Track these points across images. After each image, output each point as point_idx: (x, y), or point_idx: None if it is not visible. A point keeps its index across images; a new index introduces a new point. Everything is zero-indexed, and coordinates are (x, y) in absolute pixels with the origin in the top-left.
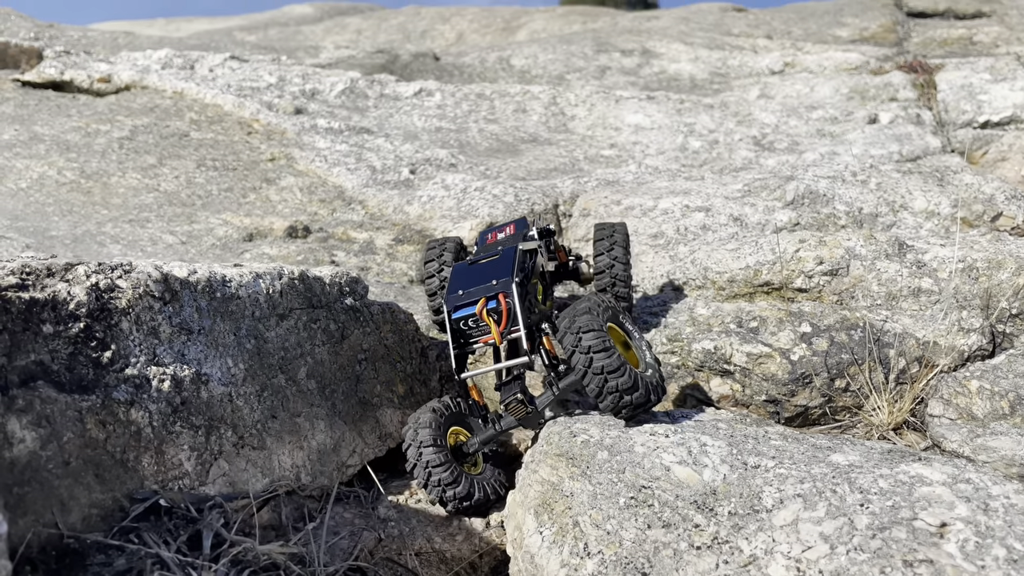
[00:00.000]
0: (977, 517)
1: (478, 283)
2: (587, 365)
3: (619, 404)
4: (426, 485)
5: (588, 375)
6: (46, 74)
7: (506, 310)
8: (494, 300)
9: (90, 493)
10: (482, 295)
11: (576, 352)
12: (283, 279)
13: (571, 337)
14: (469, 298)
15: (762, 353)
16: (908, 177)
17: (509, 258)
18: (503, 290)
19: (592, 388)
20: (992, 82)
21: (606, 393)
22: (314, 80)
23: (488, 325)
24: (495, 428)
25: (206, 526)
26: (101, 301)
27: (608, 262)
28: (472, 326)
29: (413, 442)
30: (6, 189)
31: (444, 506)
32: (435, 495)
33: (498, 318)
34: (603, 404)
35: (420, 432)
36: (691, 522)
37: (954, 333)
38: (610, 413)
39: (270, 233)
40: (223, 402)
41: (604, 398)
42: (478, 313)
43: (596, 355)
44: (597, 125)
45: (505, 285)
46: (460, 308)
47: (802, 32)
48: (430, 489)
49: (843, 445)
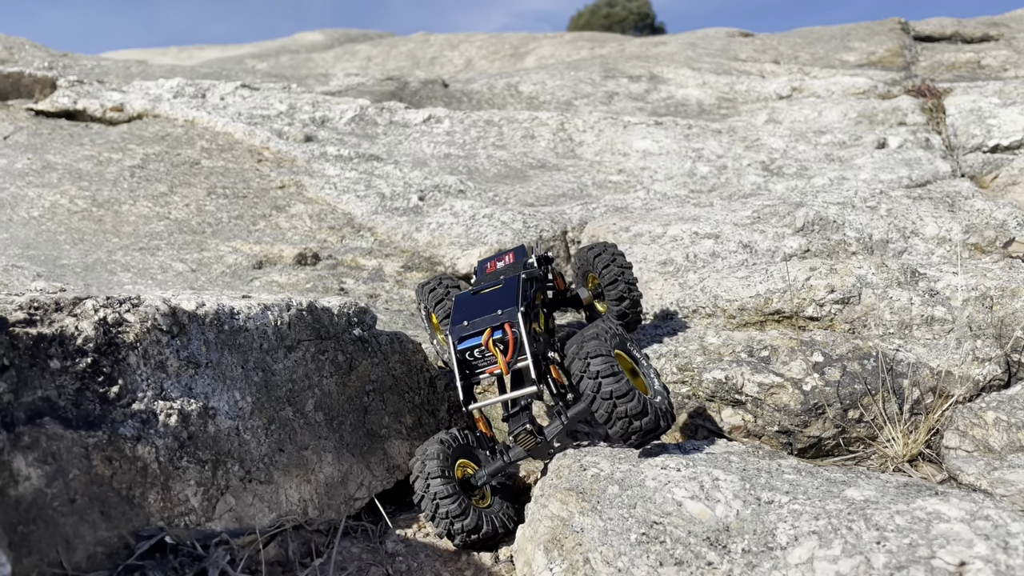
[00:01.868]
0: (997, 556)
1: (482, 313)
2: (595, 390)
3: (628, 430)
4: (434, 518)
5: (597, 400)
6: (59, 103)
7: (512, 340)
8: (499, 330)
9: (95, 531)
10: (487, 325)
11: (584, 377)
12: (291, 310)
13: (579, 363)
14: (474, 328)
15: (774, 383)
16: (918, 203)
17: (512, 287)
18: (509, 320)
19: (601, 414)
20: (1001, 106)
21: (615, 419)
22: (324, 108)
23: (494, 355)
24: (503, 459)
25: (212, 564)
26: (109, 335)
27: (625, 288)
28: (478, 357)
29: (421, 474)
30: (19, 218)
31: (452, 539)
32: (443, 527)
33: (504, 348)
34: (613, 430)
35: (428, 464)
36: (704, 559)
37: (969, 363)
38: (619, 440)
39: (280, 260)
40: (230, 436)
41: (613, 424)
42: (484, 344)
43: (604, 380)
44: (605, 151)
45: (511, 315)
46: (465, 339)
47: (809, 57)
48: (438, 522)
49: (858, 479)
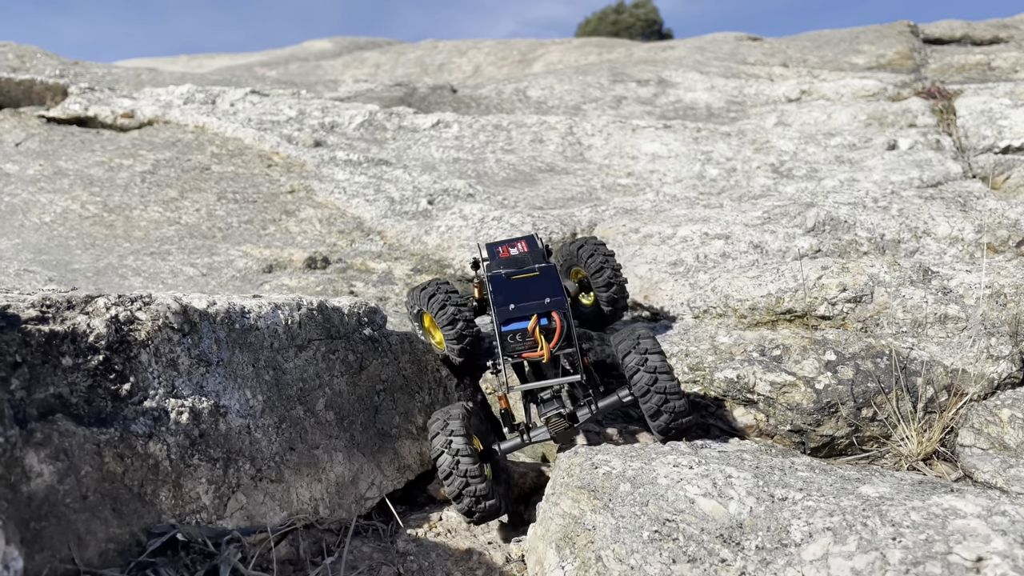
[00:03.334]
0: (1014, 551)
1: (527, 299)
2: (651, 384)
3: (671, 424)
4: (460, 495)
5: (651, 393)
6: (71, 110)
7: (560, 328)
8: (546, 318)
9: (107, 527)
10: (535, 311)
11: (641, 371)
12: (302, 310)
13: (637, 357)
14: (521, 313)
15: (786, 382)
16: (930, 203)
17: (553, 277)
18: (556, 308)
19: (651, 406)
20: (1012, 107)
21: (664, 411)
22: (333, 113)
23: (537, 341)
24: (523, 439)
25: (223, 561)
26: (120, 333)
27: (611, 274)
28: (518, 340)
29: (447, 449)
30: (31, 223)
31: (470, 515)
32: (467, 504)
33: (548, 335)
34: (657, 422)
35: (455, 440)
36: (717, 556)
37: (983, 360)
38: (657, 431)
39: (290, 264)
40: (241, 434)
41: (660, 416)
42: (530, 330)
43: (661, 375)
44: (614, 154)
45: (559, 304)
46: (511, 322)
47: (818, 60)
48: (463, 498)
49: (872, 476)
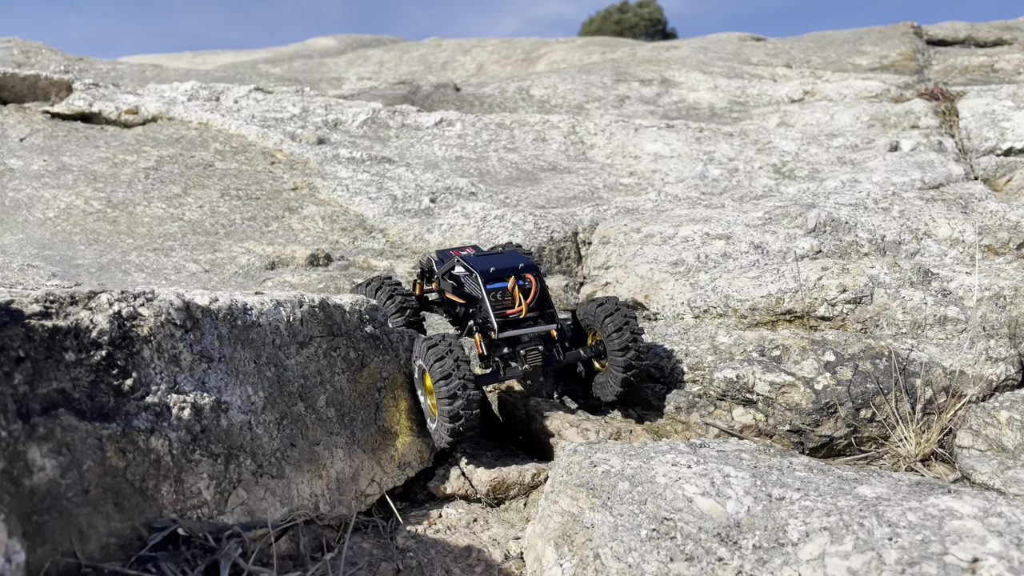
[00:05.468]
0: (1010, 552)
1: (503, 265)
2: (632, 341)
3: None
4: (454, 396)
5: (629, 349)
6: (75, 106)
7: (535, 287)
8: (522, 279)
9: (109, 522)
10: (512, 274)
11: (625, 328)
12: (303, 307)
13: (620, 318)
14: (500, 275)
15: (785, 382)
16: (931, 205)
17: (518, 252)
18: (531, 271)
19: (626, 361)
20: (1015, 109)
21: (633, 364)
22: (337, 111)
23: (515, 299)
24: (500, 374)
25: (224, 556)
26: (123, 329)
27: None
28: (498, 299)
29: (450, 354)
30: (34, 218)
31: (455, 422)
32: (458, 407)
33: (525, 294)
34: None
35: (455, 349)
36: (714, 555)
37: (982, 362)
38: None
39: (292, 261)
40: (243, 430)
41: (629, 368)
42: (510, 288)
43: (638, 336)
44: (616, 154)
45: (533, 268)
46: (493, 282)
47: (821, 61)
48: (456, 402)
49: (870, 477)
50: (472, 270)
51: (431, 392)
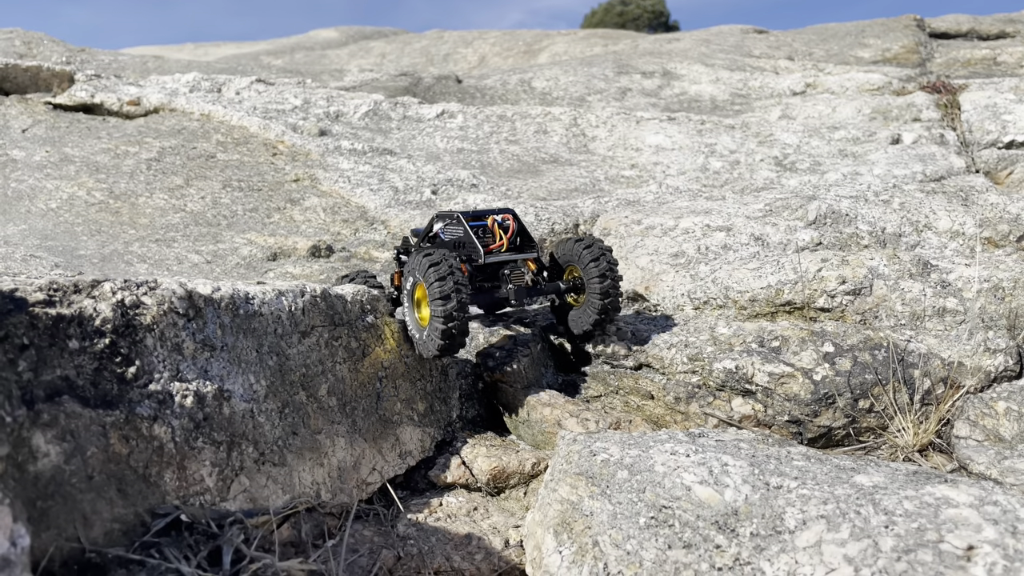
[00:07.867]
0: (1005, 540)
1: (483, 209)
2: (610, 272)
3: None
4: (447, 296)
5: (607, 280)
6: (77, 97)
7: (513, 225)
8: (500, 218)
9: (112, 508)
10: (491, 215)
11: (603, 260)
12: (305, 296)
13: (597, 250)
14: (480, 215)
15: (784, 373)
16: (932, 197)
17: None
18: (508, 212)
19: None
20: (1017, 102)
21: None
22: (338, 102)
23: (496, 235)
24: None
25: (226, 542)
26: (126, 317)
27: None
28: (480, 236)
29: (444, 260)
30: (37, 209)
31: (447, 323)
32: (450, 308)
33: (505, 231)
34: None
35: (450, 257)
36: (712, 543)
37: (980, 354)
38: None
39: (294, 252)
40: (245, 418)
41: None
42: (490, 225)
43: (614, 266)
44: (618, 146)
45: (509, 210)
46: (473, 221)
47: (824, 53)
48: (449, 304)
49: (867, 466)
50: (454, 214)
51: (423, 302)
